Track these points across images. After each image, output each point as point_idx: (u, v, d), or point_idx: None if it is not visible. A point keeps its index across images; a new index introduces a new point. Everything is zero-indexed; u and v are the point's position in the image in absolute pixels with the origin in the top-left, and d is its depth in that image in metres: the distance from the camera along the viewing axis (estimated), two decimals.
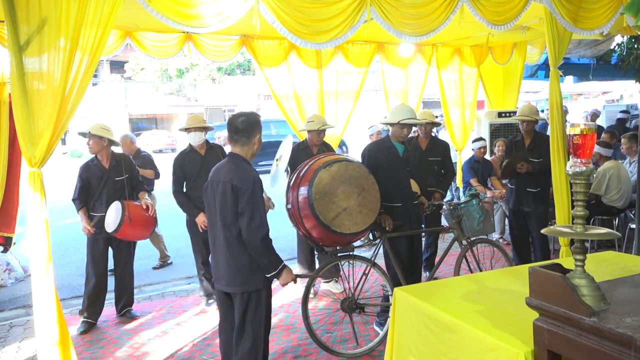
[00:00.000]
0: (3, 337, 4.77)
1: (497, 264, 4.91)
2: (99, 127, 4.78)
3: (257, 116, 3.25)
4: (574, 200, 2.03)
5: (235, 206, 3.01)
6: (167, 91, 36.89)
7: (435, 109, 6.96)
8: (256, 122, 3.18)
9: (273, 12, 3.63)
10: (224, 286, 3.18)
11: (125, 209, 4.68)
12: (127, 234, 4.80)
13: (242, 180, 3.00)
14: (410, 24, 4.18)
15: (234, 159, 3.14)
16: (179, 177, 4.92)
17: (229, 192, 3.01)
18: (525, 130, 5.35)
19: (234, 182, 3.00)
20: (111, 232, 4.69)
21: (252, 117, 3.19)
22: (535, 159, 5.20)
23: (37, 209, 3.09)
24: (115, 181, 4.88)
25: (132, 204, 4.84)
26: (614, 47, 9.69)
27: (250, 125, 3.13)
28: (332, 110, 6.75)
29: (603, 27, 4.82)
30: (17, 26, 3.00)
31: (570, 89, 27.34)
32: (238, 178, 3.01)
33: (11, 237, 5.69)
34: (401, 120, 4.23)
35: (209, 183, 3.21)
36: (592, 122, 11.30)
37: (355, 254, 4.22)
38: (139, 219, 4.81)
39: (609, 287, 2.03)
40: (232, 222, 3.03)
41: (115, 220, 4.68)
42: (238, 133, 3.13)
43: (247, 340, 3.14)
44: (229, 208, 3.03)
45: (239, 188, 2.98)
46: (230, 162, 3.15)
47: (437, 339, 2.52)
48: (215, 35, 5.88)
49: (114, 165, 4.90)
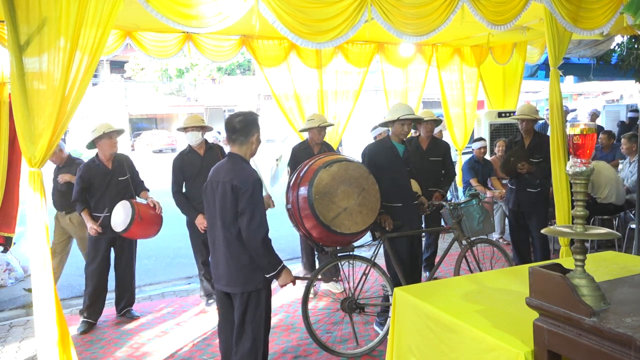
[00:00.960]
0: (3, 337, 4.77)
1: (497, 264, 4.90)
2: (106, 126, 4.78)
3: (255, 115, 3.24)
4: (574, 200, 2.03)
5: (234, 206, 3.00)
6: (167, 91, 36.88)
7: (436, 109, 6.97)
8: (253, 121, 3.17)
9: (273, 11, 3.64)
10: (224, 286, 3.18)
11: (135, 208, 4.70)
12: (135, 233, 4.80)
13: (242, 180, 3.00)
14: (411, 24, 4.18)
15: (233, 159, 3.14)
16: (178, 178, 4.91)
17: (229, 192, 3.00)
18: (524, 129, 5.34)
19: (233, 182, 2.99)
20: (120, 231, 4.69)
21: (250, 116, 3.19)
22: (535, 159, 5.20)
23: (37, 209, 3.09)
24: (119, 181, 4.88)
25: (140, 203, 4.87)
26: (614, 47, 9.69)
27: (248, 124, 3.13)
28: (332, 110, 6.75)
29: (603, 27, 4.82)
30: (17, 26, 3.00)
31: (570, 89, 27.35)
32: (238, 178, 3.01)
33: (11, 237, 5.69)
34: (400, 117, 4.23)
35: (208, 183, 3.20)
36: (592, 122, 11.29)
37: (355, 254, 4.22)
38: (148, 217, 4.83)
39: (609, 287, 2.03)
40: (232, 222, 3.03)
41: (125, 219, 4.67)
42: (235, 133, 3.13)
43: (247, 340, 3.14)
44: (228, 208, 3.02)
45: (239, 188, 2.98)
46: (230, 162, 3.14)
47: (438, 339, 2.52)
48: (215, 35, 5.88)
49: (117, 165, 4.90)
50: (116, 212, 4.74)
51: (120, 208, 4.74)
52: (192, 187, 4.87)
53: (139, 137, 34.57)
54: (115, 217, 4.73)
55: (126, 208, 4.73)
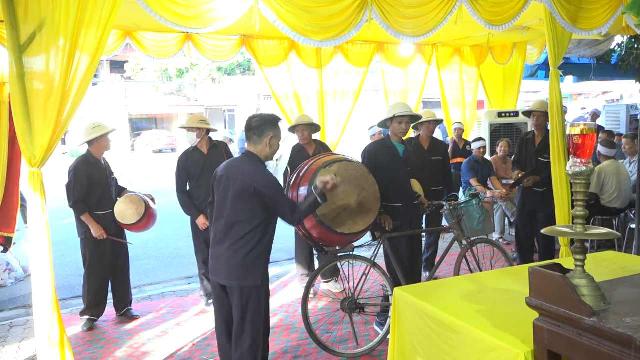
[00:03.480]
0: (3, 337, 4.77)
1: (497, 264, 4.90)
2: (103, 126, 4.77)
3: (273, 117, 3.25)
4: (574, 200, 2.03)
5: (254, 206, 3.09)
6: (167, 91, 36.87)
7: (436, 109, 6.96)
8: (270, 122, 3.20)
9: (274, 11, 3.64)
10: (222, 279, 3.19)
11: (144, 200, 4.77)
12: (144, 225, 4.87)
13: (265, 184, 3.09)
14: (409, 24, 4.19)
15: (251, 159, 3.19)
16: (182, 177, 4.92)
17: (251, 194, 3.06)
18: (535, 124, 5.36)
19: (256, 186, 3.06)
20: (131, 224, 4.74)
21: (268, 117, 3.24)
22: (544, 158, 5.18)
23: (37, 209, 3.09)
24: (112, 179, 4.92)
25: (142, 195, 4.93)
26: (614, 47, 9.70)
27: (263, 123, 3.18)
28: (332, 110, 6.75)
29: (602, 27, 4.82)
30: (17, 26, 3.00)
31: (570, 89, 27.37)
32: (259, 182, 3.08)
33: (11, 237, 5.68)
34: (397, 114, 4.23)
35: (224, 176, 3.21)
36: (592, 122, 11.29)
37: (355, 254, 4.22)
38: (153, 209, 4.94)
39: (609, 287, 2.03)
40: (242, 219, 3.10)
41: (137, 211, 4.74)
42: (251, 130, 3.20)
43: (247, 338, 3.15)
44: (247, 208, 3.09)
45: (263, 193, 3.07)
46: (248, 161, 3.18)
47: (439, 339, 2.52)
48: (215, 35, 5.88)
49: (107, 164, 4.93)
50: (123, 207, 4.76)
51: (127, 202, 4.78)
52: (196, 185, 4.88)
53: (139, 137, 34.58)
54: (123, 211, 4.74)
55: (135, 201, 4.78)
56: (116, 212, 4.76)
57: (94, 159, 4.79)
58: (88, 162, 4.75)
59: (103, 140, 4.77)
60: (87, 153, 4.80)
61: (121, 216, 4.74)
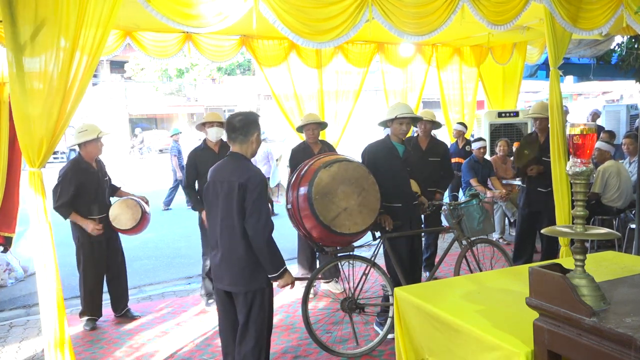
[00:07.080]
0: (3, 337, 4.77)
1: (497, 264, 4.90)
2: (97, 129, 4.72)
3: (255, 115, 3.25)
4: (574, 200, 2.03)
5: (241, 205, 3.01)
6: (167, 91, 36.84)
7: (435, 109, 6.97)
8: (253, 121, 3.18)
9: (274, 11, 3.64)
10: (226, 285, 3.17)
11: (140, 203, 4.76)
12: (140, 228, 4.85)
13: (251, 179, 3.02)
14: (412, 24, 4.18)
15: (236, 158, 3.15)
16: (191, 173, 4.93)
17: (236, 191, 3.01)
18: (538, 128, 5.36)
19: (241, 181, 3.00)
20: (128, 228, 4.72)
21: (250, 115, 3.21)
22: (547, 158, 5.17)
23: (37, 209, 3.09)
24: (104, 182, 4.87)
25: (137, 198, 4.91)
26: (614, 47, 9.69)
27: (248, 123, 3.14)
28: (332, 110, 6.75)
29: (602, 27, 4.82)
30: (16, 26, 2.99)
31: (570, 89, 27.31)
32: (245, 177, 3.02)
33: (11, 237, 5.69)
34: (398, 115, 4.23)
35: (210, 183, 3.20)
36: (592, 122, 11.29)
37: (355, 254, 4.22)
38: (147, 215, 4.92)
39: (609, 287, 2.03)
40: (238, 221, 3.03)
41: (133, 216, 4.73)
42: (235, 131, 3.14)
43: (250, 339, 3.14)
44: (234, 207, 3.02)
45: (247, 187, 2.99)
46: (233, 161, 3.15)
47: (444, 337, 2.52)
48: (215, 35, 5.88)
49: (100, 166, 4.88)
50: (118, 211, 4.73)
51: (123, 206, 4.74)
52: (204, 183, 4.87)
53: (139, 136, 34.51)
54: (119, 215, 4.72)
55: (130, 206, 4.75)
56: (111, 216, 4.72)
57: (85, 164, 4.69)
58: (79, 167, 4.65)
59: (89, 145, 4.64)
60: (79, 156, 4.73)
61: (116, 221, 4.72)
